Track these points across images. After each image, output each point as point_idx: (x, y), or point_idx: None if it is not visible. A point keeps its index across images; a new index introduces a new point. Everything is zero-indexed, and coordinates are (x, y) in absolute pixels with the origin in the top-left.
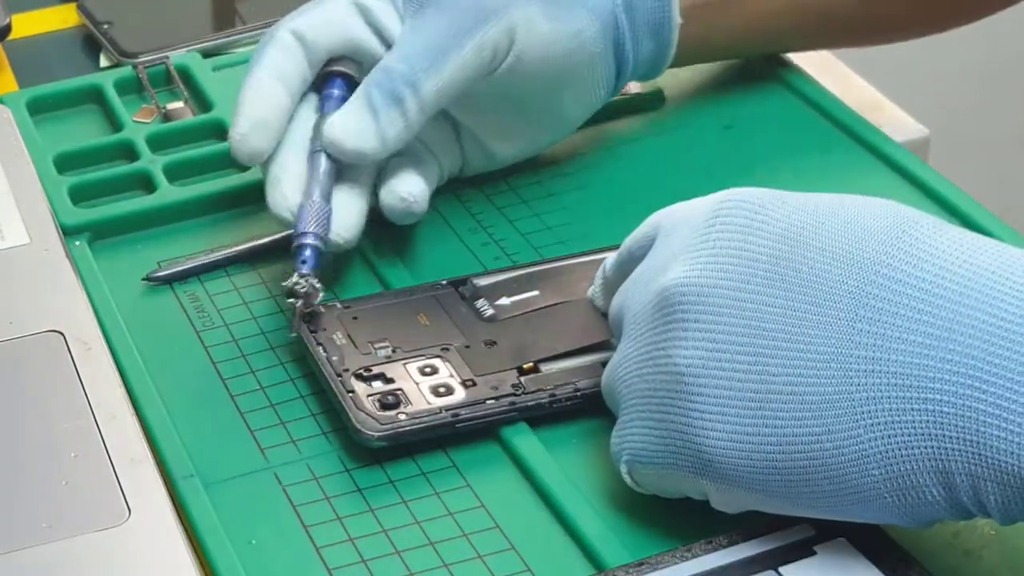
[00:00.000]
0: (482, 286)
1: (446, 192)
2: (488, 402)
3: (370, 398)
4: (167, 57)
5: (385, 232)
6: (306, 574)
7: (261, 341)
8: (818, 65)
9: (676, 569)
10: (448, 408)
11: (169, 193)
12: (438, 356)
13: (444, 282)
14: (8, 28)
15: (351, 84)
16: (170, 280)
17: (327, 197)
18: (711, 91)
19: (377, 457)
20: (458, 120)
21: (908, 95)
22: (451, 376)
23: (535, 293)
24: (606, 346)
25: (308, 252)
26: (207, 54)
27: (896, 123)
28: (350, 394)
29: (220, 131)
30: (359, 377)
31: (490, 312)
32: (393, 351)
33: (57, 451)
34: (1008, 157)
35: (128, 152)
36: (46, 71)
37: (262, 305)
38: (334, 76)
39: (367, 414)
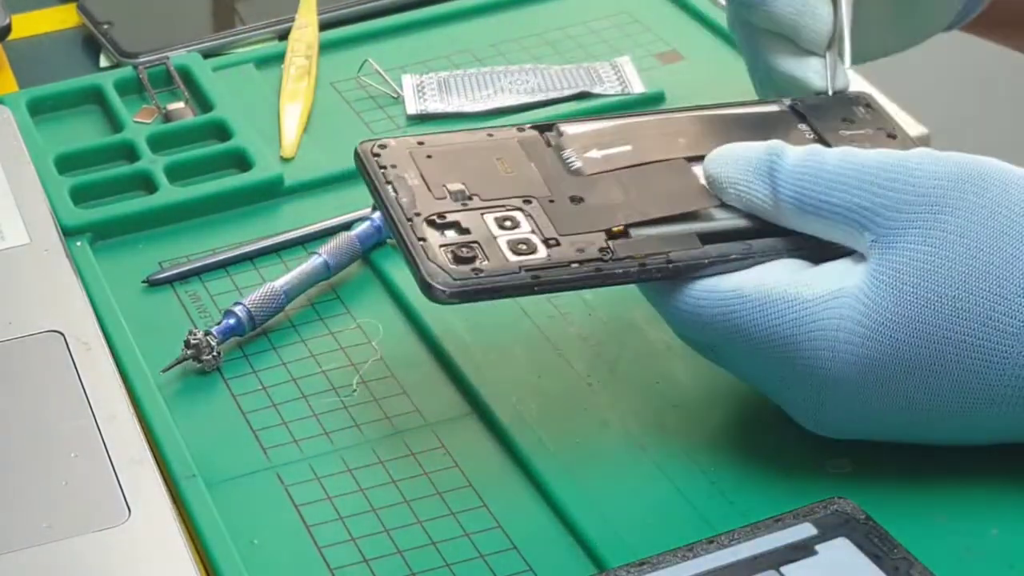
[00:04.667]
0: (570, 135)
1: None
2: (572, 265)
3: (443, 249)
4: (167, 57)
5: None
6: (308, 574)
7: (263, 341)
8: None
9: (677, 569)
10: (528, 268)
11: (170, 193)
12: (519, 208)
13: (528, 125)
14: (8, 28)
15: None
16: (171, 280)
17: (290, 293)
18: (711, 91)
19: (378, 456)
20: None
21: (908, 95)
22: (532, 232)
23: (627, 148)
24: (702, 216)
25: (231, 320)
26: (207, 54)
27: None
28: (421, 242)
29: (221, 131)
30: (431, 224)
31: (578, 164)
32: (470, 198)
33: (57, 451)
34: (1008, 157)
35: (129, 152)
36: (46, 71)
37: None
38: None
39: (439, 266)
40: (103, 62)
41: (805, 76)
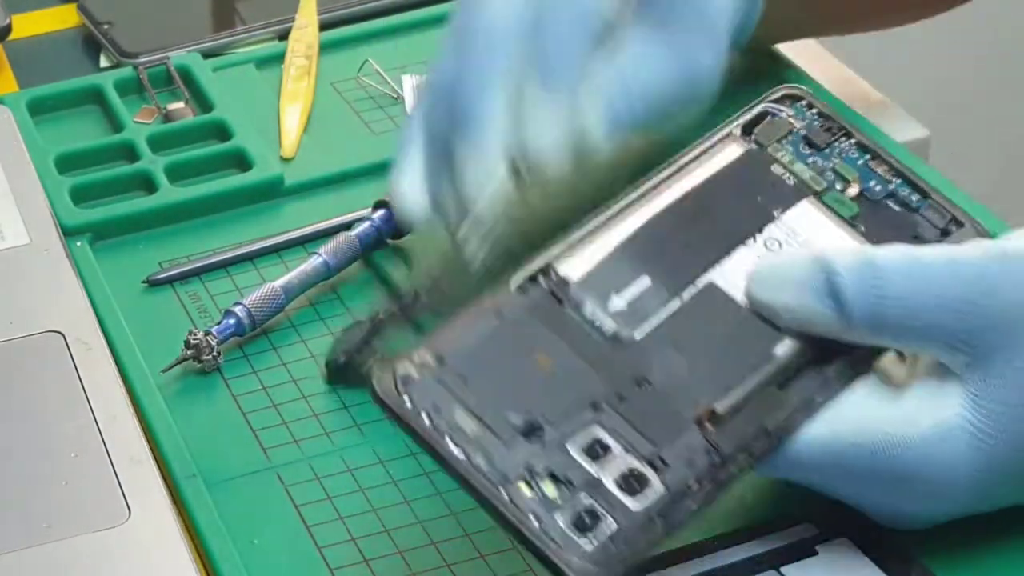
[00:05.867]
0: (575, 282)
1: None
2: (692, 487)
3: (558, 520)
4: (167, 57)
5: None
6: (308, 574)
7: (263, 341)
8: (818, 65)
9: (677, 569)
10: (658, 514)
11: (170, 193)
12: (596, 423)
13: (522, 279)
14: (8, 28)
15: (395, 215)
16: (171, 280)
17: (290, 293)
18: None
19: (379, 456)
20: None
21: (908, 95)
22: (628, 452)
23: (646, 281)
24: (772, 363)
25: (231, 320)
26: (207, 54)
27: (896, 123)
28: (538, 524)
29: (221, 131)
30: (527, 484)
31: (610, 326)
32: (540, 428)
33: (57, 451)
34: (1009, 157)
35: (129, 152)
36: (46, 71)
37: None
38: (381, 206)
39: (572, 553)
40: (103, 62)
41: None
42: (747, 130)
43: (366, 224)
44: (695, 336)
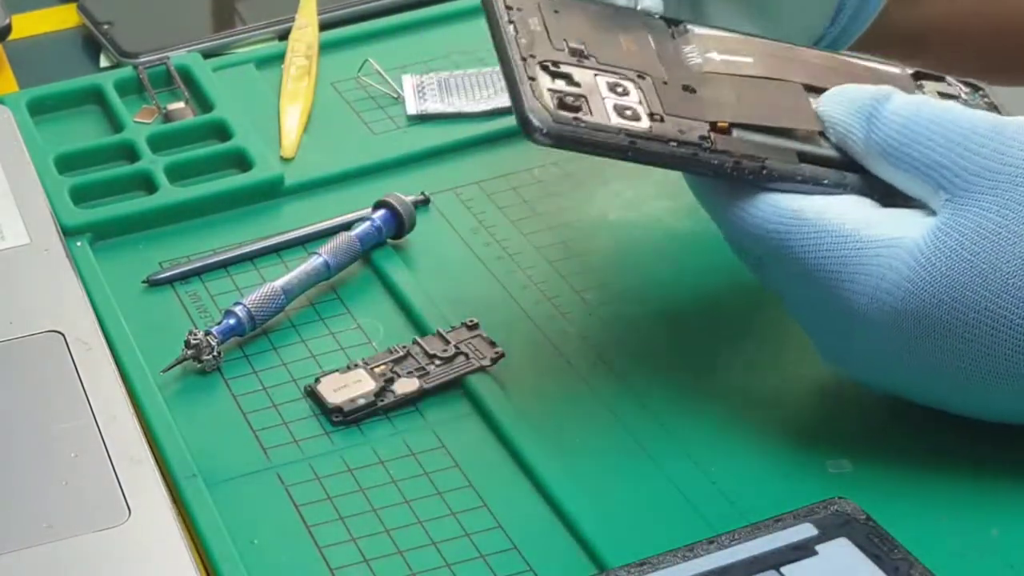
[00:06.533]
0: (696, 34)
1: (446, 192)
2: (671, 144)
3: (551, 93)
4: (167, 57)
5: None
6: (308, 574)
7: (263, 341)
8: None
9: (678, 569)
10: (628, 133)
11: (170, 193)
12: (632, 80)
13: (658, 15)
14: (8, 28)
15: (396, 216)
16: (171, 280)
17: (290, 293)
18: None
19: (378, 456)
20: None
21: None
22: (640, 103)
23: (749, 60)
24: (806, 138)
25: (231, 320)
26: (207, 54)
27: None
28: (531, 80)
29: (221, 131)
30: (544, 68)
31: (697, 61)
32: (588, 56)
33: (57, 451)
34: None
35: (129, 152)
36: (46, 71)
37: None
38: (381, 206)
39: (542, 105)
40: (103, 62)
41: None
42: (918, 76)
43: (366, 224)
44: (759, 96)
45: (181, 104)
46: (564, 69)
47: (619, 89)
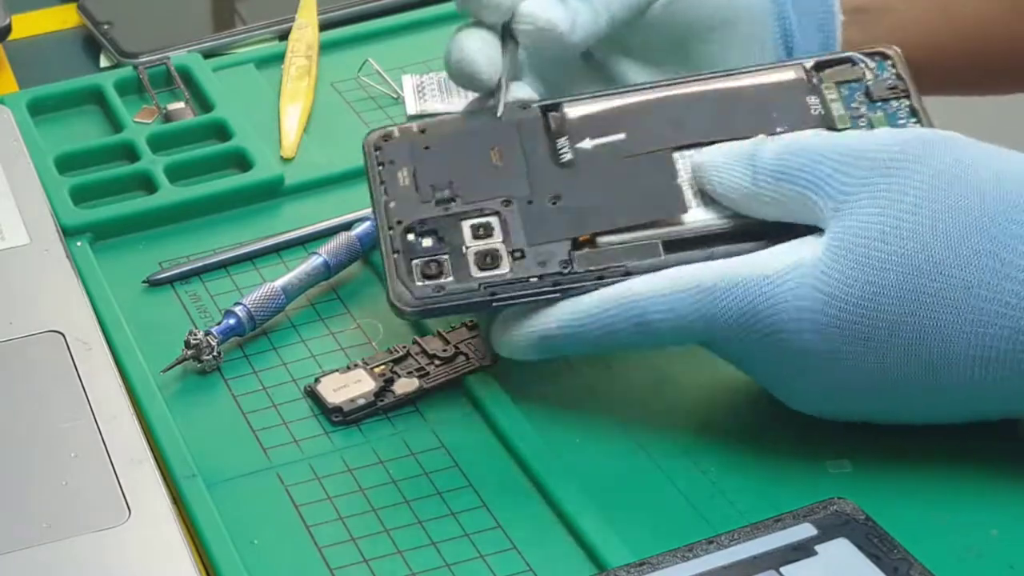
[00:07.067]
0: (571, 119)
1: None
2: (531, 280)
3: (415, 263)
4: (167, 57)
5: None
6: (308, 574)
7: (263, 341)
8: None
9: (677, 569)
10: (488, 284)
11: (170, 193)
12: (496, 212)
13: (536, 103)
14: (8, 28)
15: None
16: (171, 280)
17: (290, 293)
18: None
19: (378, 456)
20: (603, 62)
21: None
22: (502, 242)
23: (621, 137)
24: (671, 221)
25: (231, 320)
26: (207, 54)
27: None
28: (395, 255)
29: (221, 131)
30: (411, 231)
31: (568, 156)
32: (453, 199)
33: (57, 451)
34: None
35: (129, 152)
36: (46, 71)
37: None
38: None
39: (404, 284)
40: (103, 62)
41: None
42: (820, 67)
43: (366, 224)
44: (626, 184)
45: (181, 104)
46: (430, 225)
47: (482, 231)
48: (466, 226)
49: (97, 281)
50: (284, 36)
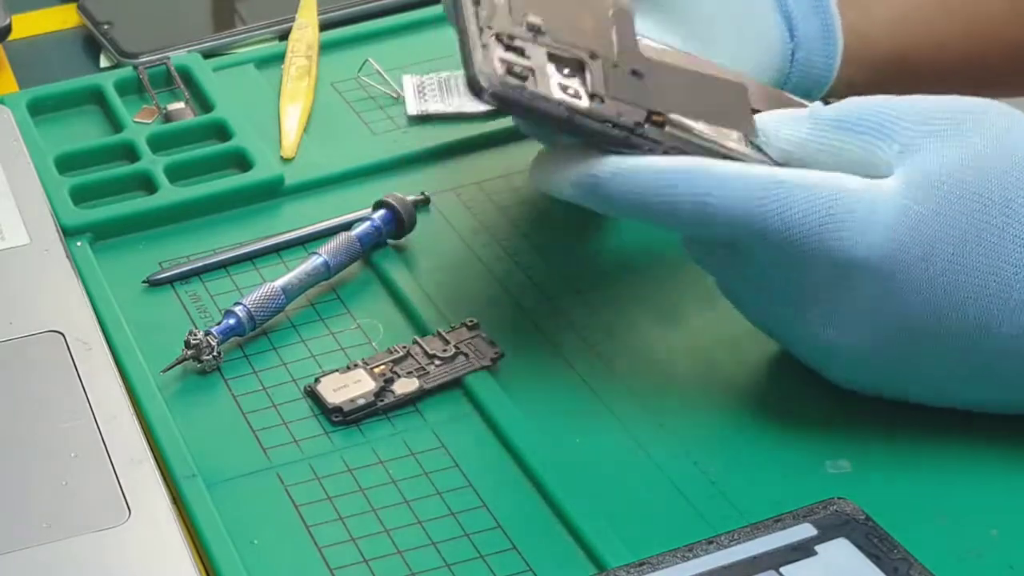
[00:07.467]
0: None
1: (446, 192)
2: (605, 123)
3: (501, 62)
4: (167, 57)
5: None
6: (308, 574)
7: (263, 341)
8: None
9: (677, 569)
10: (568, 106)
11: (170, 194)
12: (583, 59)
13: (627, 3)
14: (8, 28)
15: (396, 216)
16: (171, 280)
17: (290, 293)
18: None
19: (378, 456)
20: None
21: None
22: (583, 85)
23: (702, 61)
24: (736, 142)
25: (231, 320)
26: (207, 54)
27: None
28: (483, 48)
29: (221, 131)
30: (499, 40)
31: (655, 47)
32: (543, 33)
33: (57, 451)
34: None
35: (129, 153)
36: (46, 71)
37: None
38: (381, 206)
39: (493, 69)
40: (103, 62)
41: None
42: None
43: (366, 224)
44: (703, 94)
45: (181, 104)
46: (518, 43)
47: (566, 70)
48: (551, 60)
49: (97, 281)
50: (284, 36)
